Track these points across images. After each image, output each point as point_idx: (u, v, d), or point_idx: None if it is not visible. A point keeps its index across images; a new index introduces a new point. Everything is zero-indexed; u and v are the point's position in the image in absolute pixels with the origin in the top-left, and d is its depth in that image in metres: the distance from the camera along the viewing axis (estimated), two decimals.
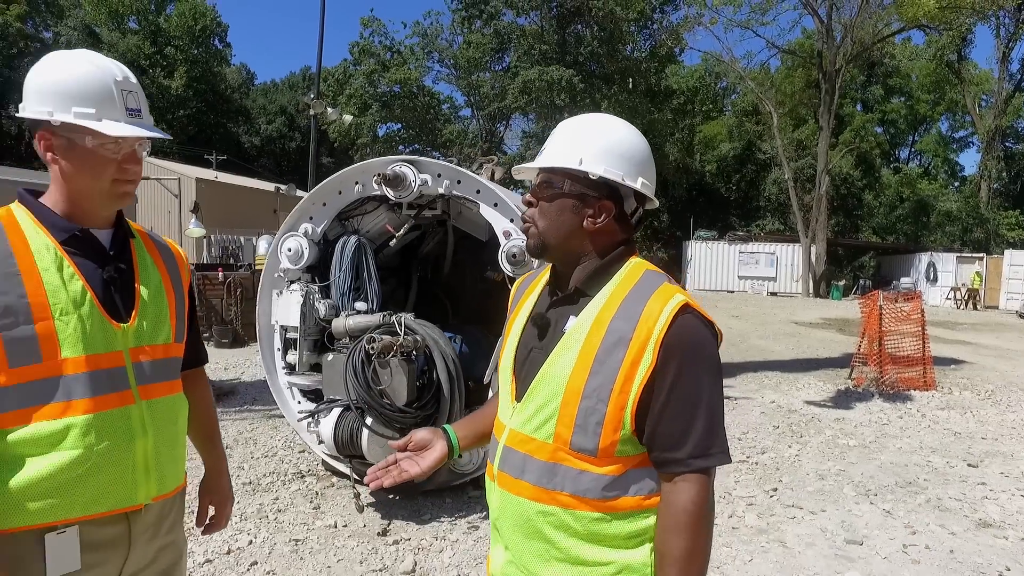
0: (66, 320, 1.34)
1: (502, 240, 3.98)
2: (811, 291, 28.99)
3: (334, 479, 4.58)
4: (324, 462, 4.62)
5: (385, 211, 4.45)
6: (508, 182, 5.49)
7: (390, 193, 4.10)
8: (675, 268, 33.65)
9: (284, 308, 4.42)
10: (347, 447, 3.79)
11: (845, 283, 30.41)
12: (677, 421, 1.21)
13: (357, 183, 4.30)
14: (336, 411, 3.85)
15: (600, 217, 1.32)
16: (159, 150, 32.08)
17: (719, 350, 1.28)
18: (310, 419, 4.03)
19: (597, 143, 1.32)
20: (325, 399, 4.05)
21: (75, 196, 1.41)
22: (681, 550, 1.20)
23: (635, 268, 1.34)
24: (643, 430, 1.24)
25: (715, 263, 30.36)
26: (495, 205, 4.06)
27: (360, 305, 4.26)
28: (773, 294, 28.93)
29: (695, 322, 1.24)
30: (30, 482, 1.31)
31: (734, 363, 9.86)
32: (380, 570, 3.39)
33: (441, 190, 4.09)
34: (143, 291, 1.49)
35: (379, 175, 4.04)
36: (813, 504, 4.38)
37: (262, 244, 13.14)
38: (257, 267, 12.28)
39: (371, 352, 3.60)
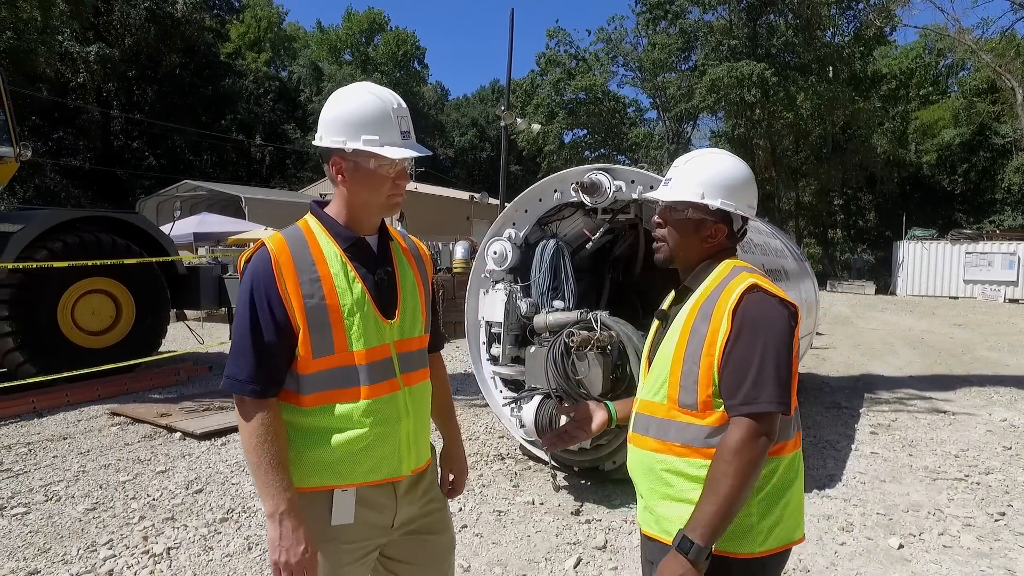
0: (352, 319, 1.58)
1: None
2: None
3: (531, 463, 5.00)
4: (522, 447, 5.07)
5: (581, 216, 4.78)
6: None
7: (587, 199, 4.42)
8: (883, 272, 30.27)
9: (490, 306, 4.92)
10: (546, 431, 4.16)
11: None
12: (734, 374, 1.50)
13: (556, 191, 4.69)
14: (537, 399, 4.25)
15: (715, 237, 1.69)
16: None
17: (795, 325, 1.55)
18: (513, 405, 4.47)
19: (713, 178, 1.67)
20: (527, 388, 4.47)
21: (355, 210, 1.64)
22: (714, 472, 1.47)
23: (726, 265, 1.67)
24: None
25: (934, 265, 26.71)
26: None
27: (558, 303, 4.63)
28: (1013, 301, 24.77)
29: (759, 297, 1.55)
30: (323, 454, 1.58)
31: (953, 375, 8.81)
32: (574, 543, 3.70)
33: (634, 195, 4.32)
34: (403, 291, 1.71)
35: (576, 183, 4.38)
36: None
37: (459, 249, 14.17)
38: (455, 270, 13.35)
39: (570, 345, 3.94)
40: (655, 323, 1.81)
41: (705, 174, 1.67)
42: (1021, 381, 8.65)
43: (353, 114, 1.58)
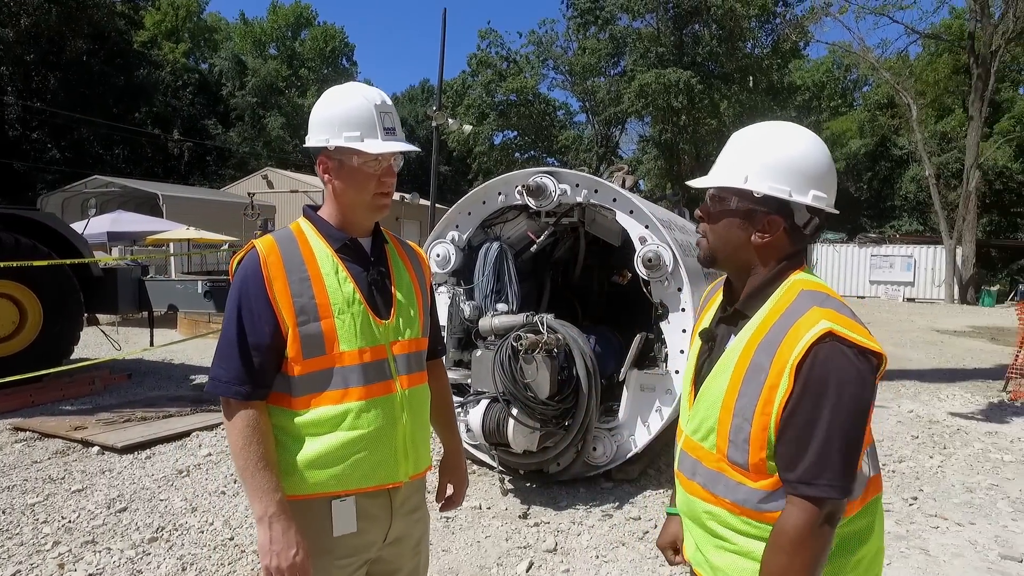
0: (343, 318, 1.56)
1: (637, 246, 4.20)
2: (956, 297, 26.50)
3: (476, 467, 4.96)
4: (467, 451, 5.03)
5: (525, 219, 4.80)
6: (636, 189, 5.68)
7: (531, 202, 4.43)
8: None
9: None
10: (494, 435, 4.15)
11: (999, 288, 27.52)
12: (792, 444, 1.24)
13: (500, 193, 4.68)
14: (484, 403, 4.23)
15: (769, 232, 1.35)
16: (302, 165, 34.83)
17: (876, 378, 1.26)
18: (459, 409, 4.43)
19: (765, 158, 1.34)
20: (472, 392, 4.44)
21: (345, 209, 1.63)
22: (775, 568, 1.24)
23: (792, 287, 1.34)
24: None
25: (843, 267, 28.48)
26: (631, 212, 4.29)
27: (501, 306, 4.62)
28: (910, 300, 26.73)
29: (834, 350, 1.22)
30: (316, 457, 1.54)
31: None
32: (524, 547, 3.70)
33: (579, 199, 4.37)
34: (398, 291, 1.68)
35: (522, 186, 4.39)
36: (960, 516, 4.22)
37: None
38: None
39: (518, 348, 3.94)
40: (697, 342, 1.53)
41: (755, 153, 1.35)
42: (922, 374, 9.36)
43: (336, 112, 1.59)
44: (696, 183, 1.46)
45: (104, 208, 19.72)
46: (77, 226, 8.82)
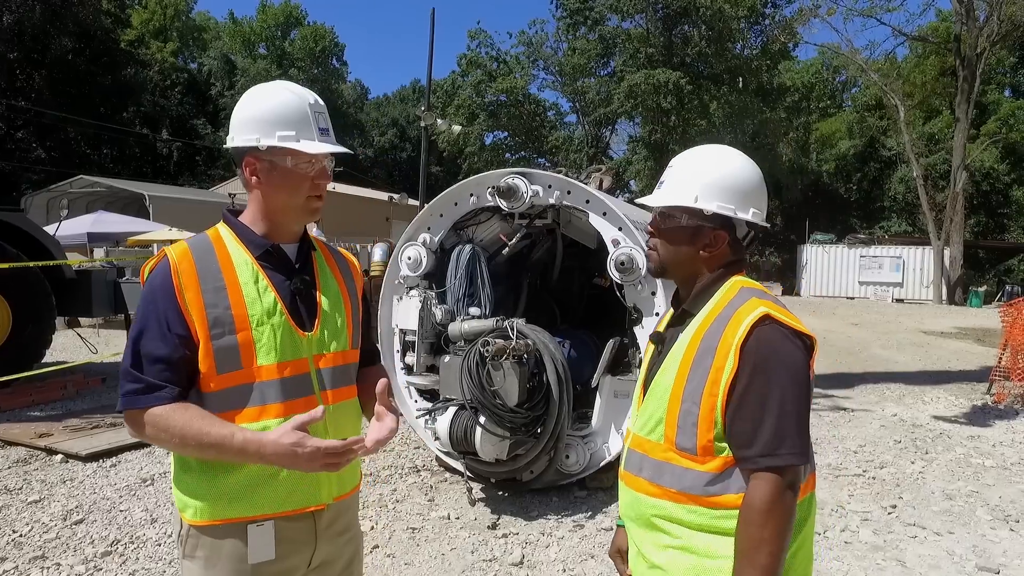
0: (261, 330, 1.46)
1: (610, 248, 4.10)
2: (944, 298, 26.59)
3: (446, 475, 4.86)
4: (438, 458, 4.91)
5: (498, 221, 4.69)
6: (616, 190, 5.58)
7: (503, 204, 4.33)
8: (788, 273, 32.01)
9: (404, 313, 4.75)
10: (461, 443, 4.04)
11: (987, 289, 27.65)
12: (747, 421, 1.32)
13: (472, 195, 4.57)
14: (452, 410, 4.11)
15: (715, 246, 1.48)
16: None
17: (810, 359, 1.38)
18: (427, 417, 4.32)
19: (711, 178, 1.47)
20: (441, 398, 4.33)
21: (272, 214, 1.53)
22: (748, 541, 1.30)
23: (733, 286, 1.47)
24: None
25: (833, 268, 28.56)
26: (604, 214, 4.19)
27: (474, 310, 4.51)
28: (899, 301, 26.82)
29: (773, 331, 1.35)
30: (232, 481, 1.45)
31: (852, 373, 9.35)
32: (490, 560, 3.60)
33: (552, 200, 4.27)
34: (324, 301, 1.59)
35: (492, 187, 4.28)
36: (939, 525, 4.14)
37: (377, 251, 13.84)
38: (372, 273, 13.00)
39: (485, 355, 3.83)
40: (650, 347, 1.62)
41: (701, 174, 1.48)
42: (908, 377, 9.32)
43: (268, 111, 1.49)
44: (647, 201, 1.56)
45: (90, 208, 19.48)
46: (50, 228, 8.65)
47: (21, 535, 3.81)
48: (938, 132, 34.42)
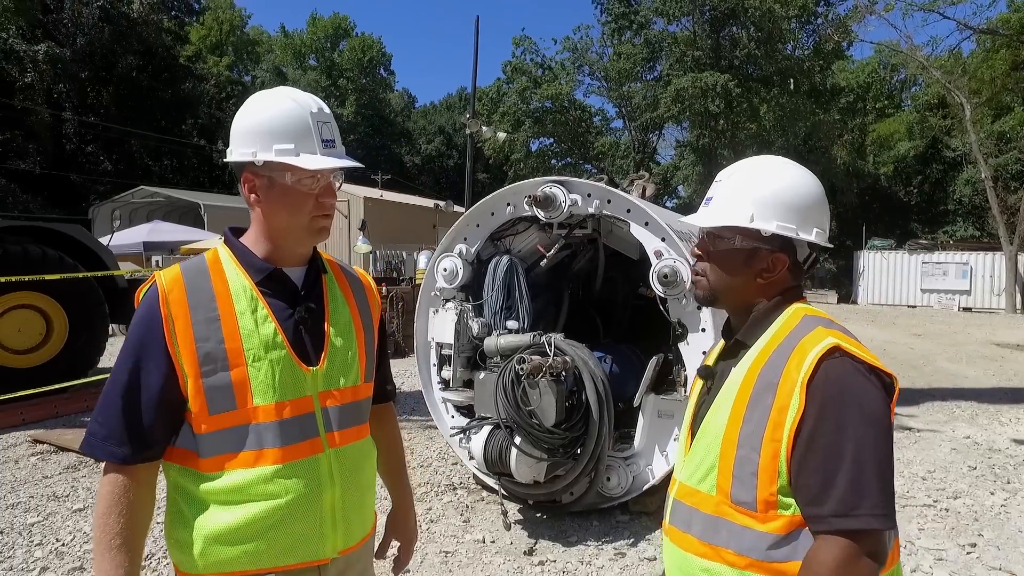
0: (258, 366, 1.32)
1: (653, 260, 3.88)
2: (1018, 307, 25.02)
3: (484, 493, 4.71)
4: (475, 476, 4.77)
5: (536, 231, 4.53)
6: (660, 198, 5.35)
7: (540, 214, 4.16)
8: (843, 280, 30.78)
9: (440, 326, 4.63)
10: (496, 465, 3.87)
11: None
12: (817, 473, 1.11)
13: (509, 204, 4.42)
14: (486, 429, 3.96)
15: (774, 271, 1.31)
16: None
17: (891, 400, 1.18)
18: (461, 435, 4.18)
19: (766, 193, 1.29)
20: (476, 416, 4.18)
21: (274, 235, 1.39)
22: None
23: (793, 315, 1.29)
24: None
25: (892, 275, 27.28)
26: (646, 224, 3.97)
27: (511, 323, 4.35)
28: (967, 310, 25.40)
29: (844, 365, 1.15)
30: (225, 530, 1.31)
31: (916, 389, 8.78)
32: None
33: (591, 210, 4.08)
34: (333, 331, 1.44)
35: (530, 196, 4.12)
36: None
37: (422, 259, 13.87)
38: (417, 281, 13.03)
39: (520, 372, 3.67)
40: (697, 383, 1.44)
41: (756, 189, 1.30)
42: (980, 394, 8.67)
43: (265, 121, 1.35)
44: (693, 220, 1.39)
45: (150, 217, 20.23)
46: (104, 239, 8.92)
47: (64, 544, 3.84)
48: (1009, 130, 32.46)
